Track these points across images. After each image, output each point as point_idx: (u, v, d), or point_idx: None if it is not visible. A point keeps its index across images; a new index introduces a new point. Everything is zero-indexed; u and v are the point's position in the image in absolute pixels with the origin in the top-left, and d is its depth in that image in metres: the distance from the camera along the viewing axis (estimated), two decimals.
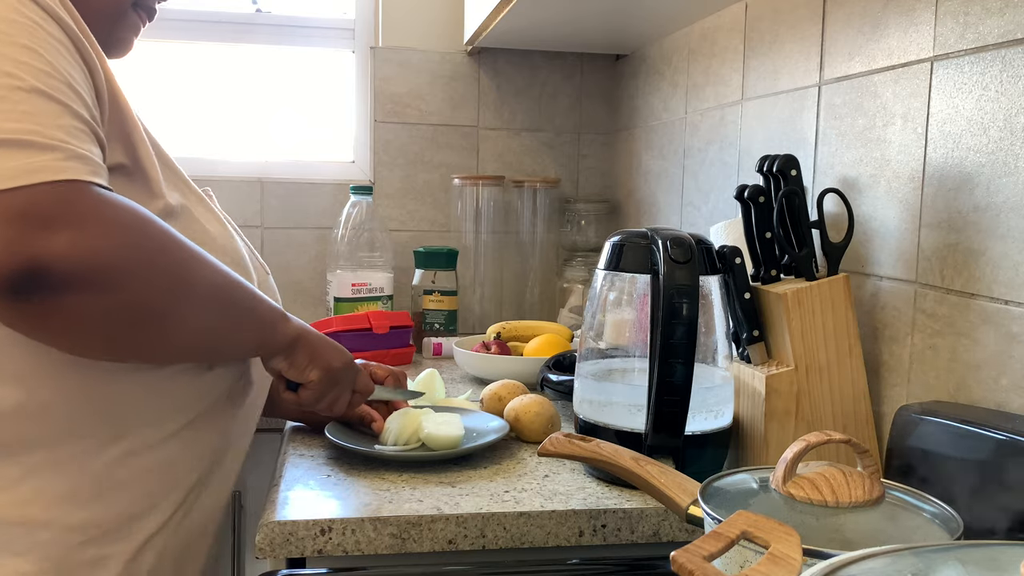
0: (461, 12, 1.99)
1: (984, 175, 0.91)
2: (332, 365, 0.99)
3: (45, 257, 0.70)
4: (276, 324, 0.94)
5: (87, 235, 0.72)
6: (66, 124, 0.75)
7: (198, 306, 0.83)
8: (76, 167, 0.74)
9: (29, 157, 0.71)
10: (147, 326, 0.80)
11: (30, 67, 0.74)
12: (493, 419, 1.19)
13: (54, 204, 0.71)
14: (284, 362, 0.96)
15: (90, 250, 0.72)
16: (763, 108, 1.37)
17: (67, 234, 0.71)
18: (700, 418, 1.01)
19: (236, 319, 0.89)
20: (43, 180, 0.71)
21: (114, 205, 0.75)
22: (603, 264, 1.06)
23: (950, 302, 0.95)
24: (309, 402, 1.00)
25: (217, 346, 0.91)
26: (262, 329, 0.92)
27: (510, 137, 2.10)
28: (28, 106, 0.73)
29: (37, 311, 0.73)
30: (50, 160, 0.72)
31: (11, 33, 0.74)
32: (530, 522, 0.94)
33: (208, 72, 2.08)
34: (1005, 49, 0.88)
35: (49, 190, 0.71)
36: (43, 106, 0.74)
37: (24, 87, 0.73)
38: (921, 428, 0.89)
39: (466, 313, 2.00)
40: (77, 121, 0.76)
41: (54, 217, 0.71)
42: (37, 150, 0.72)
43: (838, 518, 0.66)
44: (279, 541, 0.90)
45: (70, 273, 0.71)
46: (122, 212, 0.76)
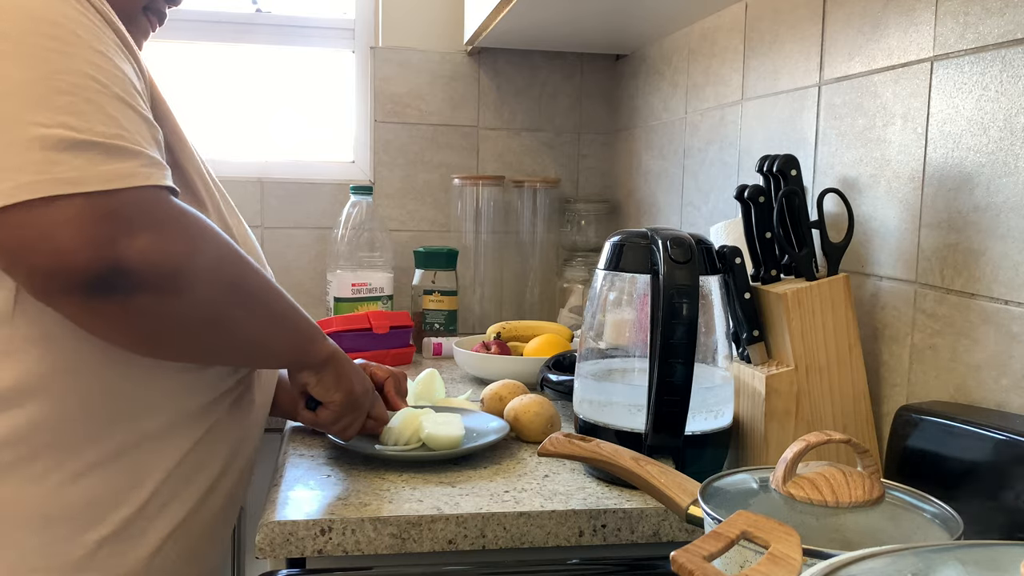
0: (461, 12, 1.99)
1: (984, 175, 0.91)
2: (355, 390, 1.02)
3: (126, 258, 0.73)
4: (314, 340, 0.97)
5: (164, 240, 0.76)
6: (143, 131, 0.78)
7: (251, 314, 0.87)
8: (158, 174, 0.78)
9: (119, 162, 0.75)
10: (205, 329, 0.84)
11: (107, 72, 0.77)
12: (493, 419, 1.19)
13: (137, 208, 0.75)
14: (313, 378, 0.99)
15: (165, 254, 0.76)
16: (763, 108, 1.37)
17: (147, 238, 0.74)
18: (700, 418, 1.01)
19: (282, 330, 0.93)
20: (133, 185, 0.75)
21: (187, 213, 0.80)
22: (603, 264, 1.06)
23: (950, 302, 0.95)
24: (326, 423, 1.04)
25: (260, 354, 0.94)
26: (301, 343, 0.96)
27: (510, 137, 2.11)
28: (113, 111, 0.76)
29: (109, 309, 0.76)
30: (136, 166, 0.76)
31: (84, 37, 0.77)
32: (530, 522, 0.94)
33: (208, 72, 2.08)
34: (1005, 49, 0.88)
35: (137, 195, 0.75)
36: (125, 112, 0.77)
37: (107, 92, 0.76)
38: (921, 428, 0.89)
39: (466, 313, 2.00)
40: (149, 127, 0.80)
41: (138, 221, 0.75)
42: (126, 156, 0.75)
43: (838, 518, 0.66)
44: (279, 541, 0.90)
45: (145, 274, 0.75)
46: (194, 221, 0.80)
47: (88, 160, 0.73)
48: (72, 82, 0.75)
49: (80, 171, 0.72)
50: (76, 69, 0.75)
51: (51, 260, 0.72)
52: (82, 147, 0.73)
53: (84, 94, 0.75)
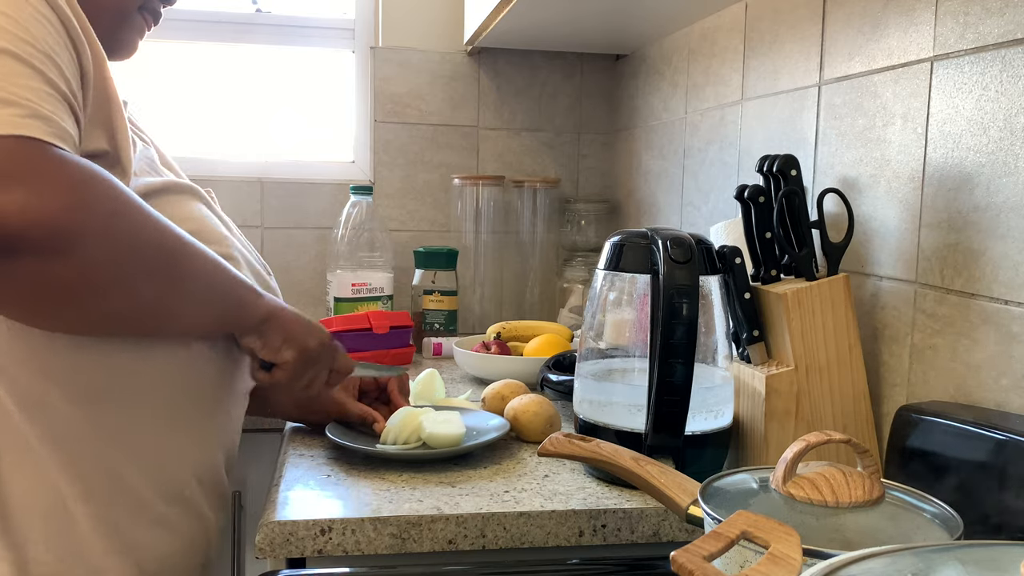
0: (461, 12, 1.99)
1: (984, 175, 0.91)
2: (307, 344, 0.95)
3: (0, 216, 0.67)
4: (244, 300, 0.90)
5: (43, 194, 0.69)
6: (34, 86, 0.72)
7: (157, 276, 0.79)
8: (36, 125, 0.71)
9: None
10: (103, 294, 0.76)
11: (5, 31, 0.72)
12: (493, 418, 1.19)
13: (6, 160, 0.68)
14: (257, 341, 0.92)
15: (46, 210, 0.68)
16: (763, 108, 1.37)
17: (18, 193, 0.67)
18: (700, 418, 1.01)
19: (200, 294, 0.85)
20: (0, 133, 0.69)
21: (69, 164, 0.72)
22: (603, 264, 1.06)
23: (950, 302, 0.95)
24: (284, 382, 0.96)
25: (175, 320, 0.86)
26: (227, 306, 0.89)
27: (510, 137, 2.10)
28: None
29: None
30: (8, 115, 0.69)
31: None
32: (530, 522, 0.94)
33: (208, 72, 2.08)
34: (1005, 49, 0.88)
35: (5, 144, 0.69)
36: (11, 66, 0.72)
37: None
38: (921, 428, 0.89)
39: (466, 313, 2.00)
40: (48, 87, 0.73)
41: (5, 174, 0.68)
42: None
43: (838, 518, 0.66)
44: (279, 541, 0.90)
45: (25, 234, 0.68)
46: (77, 171, 0.72)
47: None
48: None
49: None
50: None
51: None
52: None
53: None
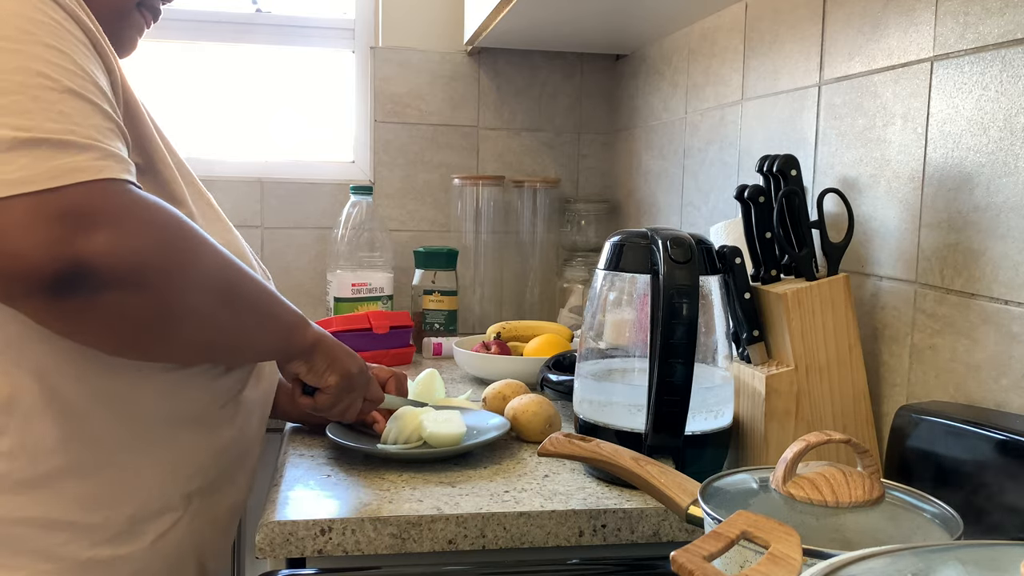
0: (461, 12, 1.99)
1: (984, 175, 0.91)
2: (349, 371, 1.00)
3: (86, 256, 0.70)
4: (297, 328, 0.95)
5: (126, 234, 0.73)
6: (98, 123, 0.75)
7: (226, 307, 0.84)
8: (112, 166, 0.74)
9: (68, 156, 0.72)
10: (177, 325, 0.80)
11: (60, 68, 0.75)
12: (494, 417, 1.19)
13: (94, 203, 0.72)
14: (304, 366, 0.97)
15: (129, 249, 0.73)
16: (763, 108, 1.37)
17: (107, 233, 0.72)
18: (700, 418, 1.01)
19: (260, 321, 0.90)
20: (83, 180, 0.72)
21: (149, 204, 0.76)
22: (603, 264, 1.06)
23: (950, 302, 0.95)
24: (324, 407, 1.01)
25: (240, 347, 0.92)
26: (284, 332, 0.93)
27: (510, 137, 2.10)
28: (63, 106, 0.74)
29: (75, 309, 0.73)
30: (88, 160, 0.73)
31: (37, 33, 0.75)
32: (530, 522, 0.94)
33: (208, 72, 2.08)
34: (1005, 49, 0.88)
35: (89, 189, 0.72)
36: (76, 106, 0.74)
37: (57, 88, 0.74)
38: (921, 428, 0.89)
39: (466, 313, 2.00)
40: (106, 120, 0.77)
41: (94, 216, 0.72)
42: (75, 150, 0.73)
43: (838, 518, 0.66)
44: (279, 541, 0.90)
45: (109, 272, 0.72)
46: (156, 211, 0.77)
47: (35, 158, 0.70)
48: (19, 81, 0.72)
49: (26, 170, 0.70)
50: (24, 67, 0.73)
51: (7, 264, 0.69)
52: (28, 145, 0.71)
53: (31, 92, 0.72)
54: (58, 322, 0.76)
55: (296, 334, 0.95)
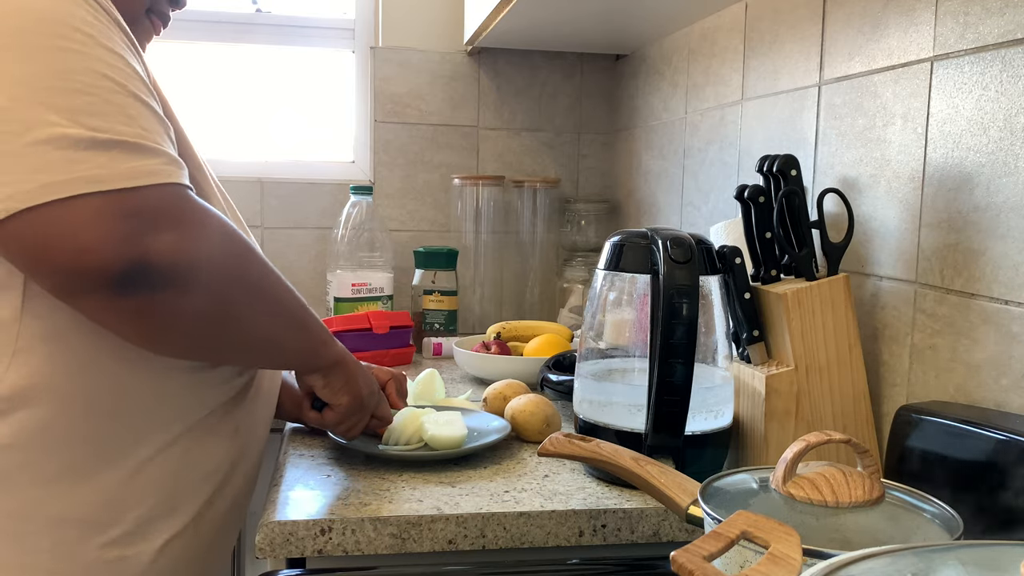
0: (461, 12, 1.99)
1: (984, 175, 0.91)
2: (362, 393, 1.03)
3: (153, 255, 0.73)
4: (325, 343, 0.98)
5: (188, 237, 0.76)
6: (160, 129, 0.79)
7: (267, 313, 0.88)
8: (178, 172, 0.78)
9: (142, 160, 0.75)
10: (224, 328, 0.83)
11: (121, 71, 0.77)
12: (494, 419, 1.19)
13: (161, 205, 0.75)
14: (321, 380, 0.99)
15: (190, 251, 0.76)
16: (763, 108, 1.37)
17: (172, 234, 0.75)
18: (700, 418, 1.01)
19: (296, 331, 0.93)
20: (156, 183, 0.75)
21: (208, 211, 0.80)
22: (603, 264, 1.06)
23: (950, 302, 0.95)
24: (331, 424, 1.04)
25: (272, 353, 0.95)
26: (313, 345, 0.96)
27: (510, 137, 2.11)
28: (131, 110, 0.76)
29: (135, 307, 0.75)
30: (159, 164, 0.76)
31: (94, 36, 0.77)
32: (530, 522, 0.94)
33: (208, 72, 2.08)
34: (1005, 49, 0.88)
35: (160, 192, 0.75)
36: (143, 111, 0.77)
37: (122, 92, 0.76)
38: (921, 428, 0.89)
39: (466, 313, 2.00)
40: (163, 126, 0.80)
41: (163, 218, 0.75)
42: (148, 154, 0.76)
43: (838, 518, 0.66)
44: (279, 541, 0.90)
45: (171, 271, 0.75)
46: (215, 219, 0.80)
47: (111, 158, 0.73)
48: (88, 82, 0.75)
49: (104, 169, 0.72)
50: (91, 69, 0.75)
51: (76, 259, 0.72)
52: (104, 146, 0.73)
53: (102, 94, 0.75)
54: (116, 319, 0.78)
55: (324, 348, 0.97)
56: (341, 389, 1.01)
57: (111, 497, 0.85)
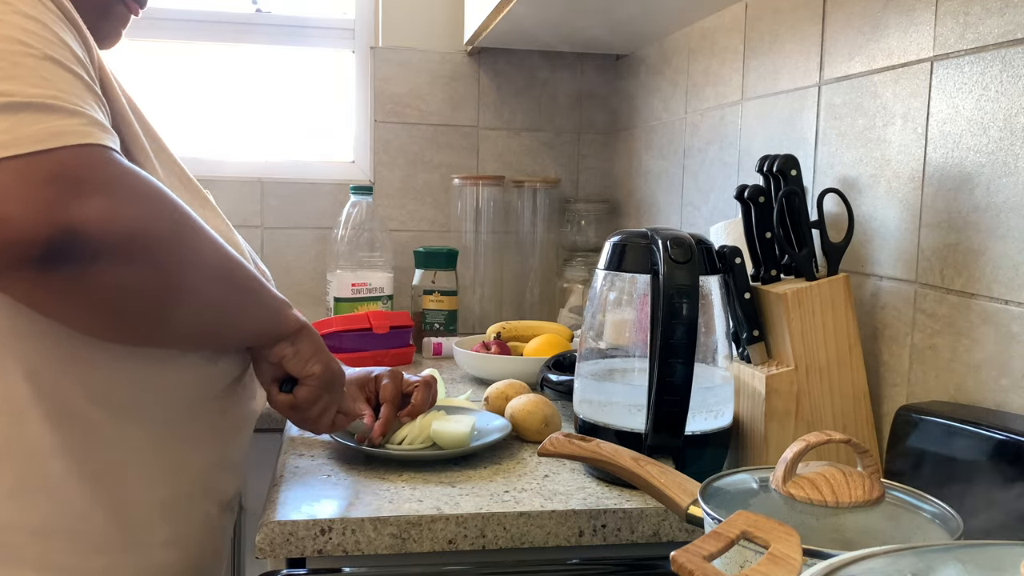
0: (461, 12, 1.99)
1: (984, 175, 0.91)
2: (331, 365, 0.97)
3: (80, 223, 0.68)
4: (281, 310, 0.92)
5: (120, 202, 0.71)
6: (81, 92, 0.73)
7: (209, 282, 0.81)
8: (99, 133, 0.72)
9: (54, 120, 0.69)
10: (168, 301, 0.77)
11: (39, 36, 0.73)
12: (495, 418, 1.19)
13: (83, 168, 0.70)
14: (290, 348, 0.92)
15: (124, 217, 0.70)
16: (763, 108, 1.37)
17: (101, 200, 0.69)
18: (700, 418, 1.01)
19: (243, 300, 0.87)
20: (71, 143, 0.69)
21: (136, 174, 0.74)
22: (603, 264, 1.06)
23: (950, 302, 0.95)
24: (304, 402, 0.96)
25: (229, 327, 0.89)
26: (267, 313, 0.90)
27: (510, 137, 2.10)
28: (46, 72, 0.71)
29: (65, 283, 0.70)
30: (74, 124, 0.71)
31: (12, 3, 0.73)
32: (530, 522, 0.94)
33: (208, 72, 2.08)
34: (1005, 49, 0.88)
35: (77, 154, 0.70)
36: (59, 73, 0.72)
37: (37, 55, 0.72)
38: (921, 428, 0.89)
39: (466, 313, 2.00)
40: (88, 90, 0.75)
41: (87, 182, 0.69)
42: (62, 114, 0.70)
43: (838, 518, 0.66)
44: (279, 541, 0.90)
45: (103, 240, 0.69)
46: (144, 182, 0.74)
47: (19, 121, 0.68)
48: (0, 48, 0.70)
49: (9, 133, 0.67)
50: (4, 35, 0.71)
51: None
52: (11, 109, 0.68)
53: (12, 58, 0.70)
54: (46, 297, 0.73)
55: (280, 316, 0.91)
56: (312, 357, 0.94)
57: (94, 503, 0.83)
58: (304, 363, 0.94)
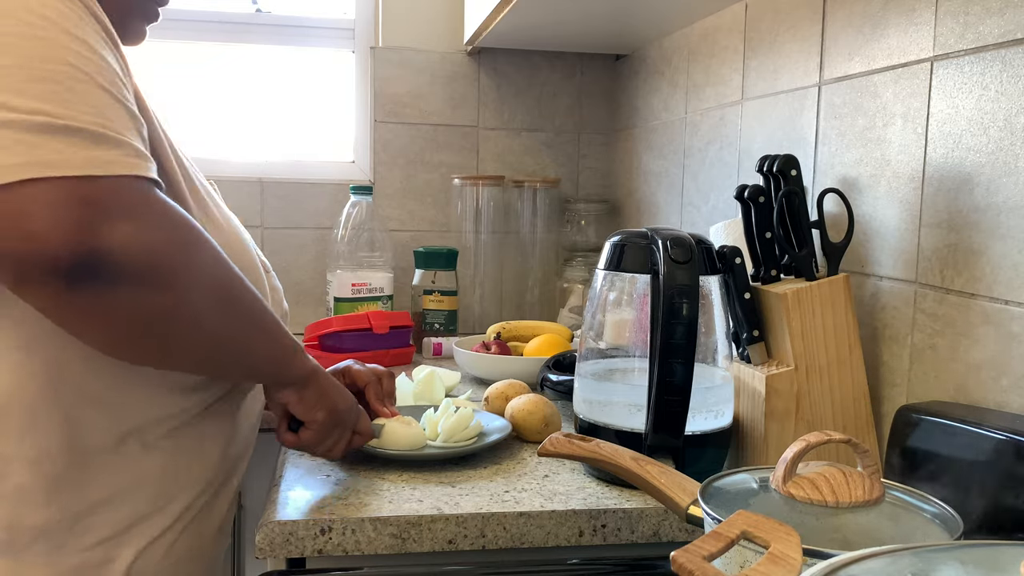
0: (461, 12, 1.99)
1: (984, 175, 0.91)
2: (338, 407, 0.98)
3: (106, 246, 0.70)
4: (295, 354, 0.94)
5: (147, 230, 0.73)
6: (127, 122, 0.76)
7: (234, 320, 0.84)
8: (143, 165, 0.75)
9: (103, 150, 0.72)
10: (185, 331, 0.80)
11: (87, 60, 0.75)
12: (495, 418, 1.19)
13: (122, 197, 0.72)
14: (295, 395, 0.95)
15: (148, 245, 0.73)
16: (763, 108, 1.37)
17: (128, 225, 0.72)
18: (700, 418, 1.01)
19: (265, 340, 0.89)
20: (116, 173, 0.72)
21: (173, 208, 0.77)
22: (603, 264, 1.06)
23: (950, 302, 0.95)
24: (309, 444, 0.99)
25: (240, 363, 0.90)
26: (284, 355, 0.92)
27: (510, 137, 2.10)
28: (95, 100, 0.74)
29: (86, 302, 0.72)
30: (121, 155, 0.73)
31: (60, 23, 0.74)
32: (530, 522, 0.94)
33: (208, 72, 2.08)
34: (1005, 49, 0.88)
35: (119, 183, 0.72)
36: (108, 101, 0.75)
37: (87, 81, 0.74)
38: (921, 428, 0.89)
39: (466, 313, 2.00)
40: (132, 119, 0.77)
41: (119, 209, 0.72)
42: (110, 144, 0.73)
43: (838, 518, 0.66)
44: (279, 541, 0.90)
45: (127, 264, 0.72)
46: (179, 216, 0.77)
47: (70, 144, 0.70)
48: (53, 69, 0.72)
49: (61, 155, 0.70)
50: (57, 57, 0.73)
51: (25, 244, 0.69)
52: (64, 132, 0.71)
53: (66, 82, 0.72)
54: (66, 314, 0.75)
55: (295, 359, 0.94)
56: (316, 404, 0.96)
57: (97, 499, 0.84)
58: (308, 409, 0.96)
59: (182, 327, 0.80)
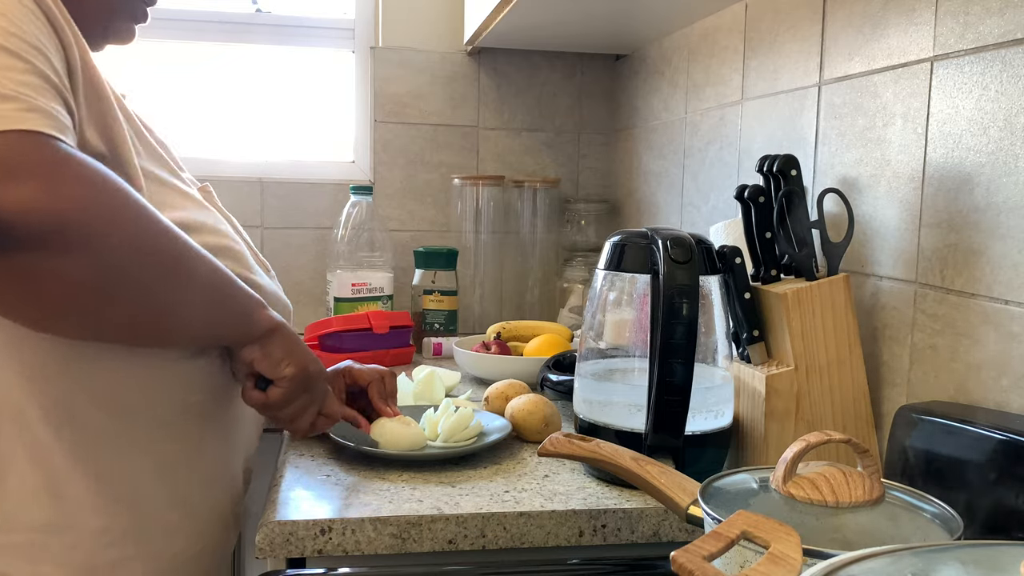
0: (461, 12, 1.99)
1: (984, 175, 0.91)
2: (307, 367, 0.93)
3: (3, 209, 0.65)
4: (253, 310, 0.89)
5: (48, 189, 0.67)
6: (28, 80, 0.70)
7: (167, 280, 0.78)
8: (37, 119, 0.69)
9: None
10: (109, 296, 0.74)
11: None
12: (495, 418, 1.19)
13: (13, 155, 0.67)
14: (259, 351, 0.89)
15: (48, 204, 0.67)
16: (763, 108, 1.37)
17: (27, 187, 0.66)
18: (700, 418, 1.01)
19: (211, 299, 0.84)
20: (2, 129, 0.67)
21: (80, 161, 0.71)
22: (603, 264, 1.06)
23: (950, 302, 0.95)
24: (276, 402, 0.93)
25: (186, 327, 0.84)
26: (238, 313, 0.87)
27: (510, 137, 2.10)
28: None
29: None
30: (10, 110, 0.68)
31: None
32: (530, 522, 0.94)
33: (208, 72, 2.08)
34: (1005, 49, 0.88)
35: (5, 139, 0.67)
36: (5, 61, 0.70)
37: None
38: (921, 428, 0.89)
39: (466, 313, 2.00)
40: (42, 80, 0.72)
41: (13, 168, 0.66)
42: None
43: (838, 518, 0.66)
44: (279, 541, 0.90)
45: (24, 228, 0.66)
46: (86, 169, 0.71)
47: None
48: None
49: None
50: None
51: None
52: None
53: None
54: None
55: (253, 316, 0.88)
56: (283, 359, 0.90)
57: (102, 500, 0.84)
58: (275, 365, 0.90)
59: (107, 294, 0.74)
